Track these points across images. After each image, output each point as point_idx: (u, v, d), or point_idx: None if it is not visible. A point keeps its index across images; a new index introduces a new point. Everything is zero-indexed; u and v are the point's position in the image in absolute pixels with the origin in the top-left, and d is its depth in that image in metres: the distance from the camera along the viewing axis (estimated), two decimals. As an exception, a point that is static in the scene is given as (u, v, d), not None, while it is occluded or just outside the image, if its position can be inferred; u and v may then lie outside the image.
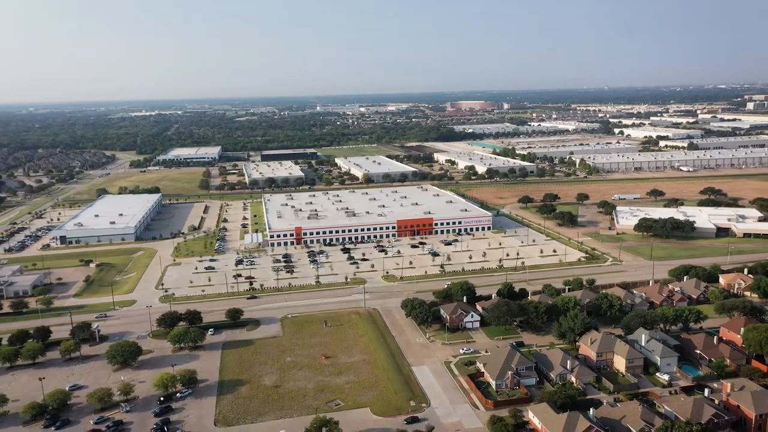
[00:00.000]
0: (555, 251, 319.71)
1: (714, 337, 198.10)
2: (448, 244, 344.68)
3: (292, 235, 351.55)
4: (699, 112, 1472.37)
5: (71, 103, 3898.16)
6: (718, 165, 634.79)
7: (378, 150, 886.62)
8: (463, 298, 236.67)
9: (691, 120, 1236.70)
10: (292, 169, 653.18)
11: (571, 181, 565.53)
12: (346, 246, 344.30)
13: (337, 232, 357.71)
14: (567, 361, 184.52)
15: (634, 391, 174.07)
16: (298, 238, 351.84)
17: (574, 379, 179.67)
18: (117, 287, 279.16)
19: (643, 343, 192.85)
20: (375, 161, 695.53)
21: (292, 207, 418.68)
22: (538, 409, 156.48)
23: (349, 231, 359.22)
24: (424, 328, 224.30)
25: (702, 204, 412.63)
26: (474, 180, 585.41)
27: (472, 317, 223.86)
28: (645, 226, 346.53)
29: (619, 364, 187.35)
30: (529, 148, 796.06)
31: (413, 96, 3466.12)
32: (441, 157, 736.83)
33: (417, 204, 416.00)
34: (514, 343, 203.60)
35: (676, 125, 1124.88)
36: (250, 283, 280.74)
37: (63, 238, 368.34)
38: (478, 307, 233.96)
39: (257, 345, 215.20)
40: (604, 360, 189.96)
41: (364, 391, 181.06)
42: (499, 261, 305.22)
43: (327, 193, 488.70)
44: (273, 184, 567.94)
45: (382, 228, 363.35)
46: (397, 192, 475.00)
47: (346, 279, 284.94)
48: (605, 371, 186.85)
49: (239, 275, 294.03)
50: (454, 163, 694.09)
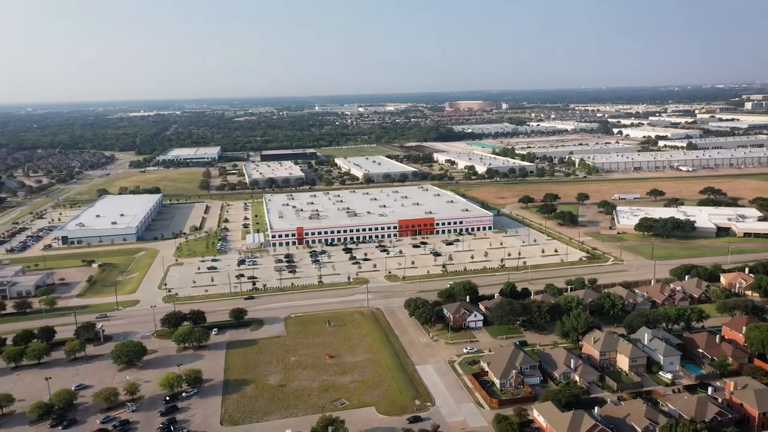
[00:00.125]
0: (556, 251, 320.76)
1: (716, 336, 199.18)
2: (450, 243, 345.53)
3: (293, 235, 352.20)
4: (697, 112, 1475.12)
5: (69, 103, 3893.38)
6: (717, 165, 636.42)
7: (377, 150, 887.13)
8: (466, 298, 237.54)
9: (689, 120, 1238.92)
10: (292, 169, 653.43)
11: (570, 181, 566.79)
12: (348, 246, 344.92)
13: (338, 232, 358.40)
14: (571, 360, 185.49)
15: (637, 390, 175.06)
16: (299, 238, 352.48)
17: (577, 378, 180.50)
18: (120, 287, 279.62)
19: (646, 342, 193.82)
20: (375, 161, 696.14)
21: (294, 207, 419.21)
22: (543, 408, 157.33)
23: (351, 231, 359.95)
24: (427, 327, 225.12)
25: (702, 204, 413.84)
26: (474, 180, 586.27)
27: (476, 317, 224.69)
28: (645, 225, 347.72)
29: (623, 363, 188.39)
30: (529, 148, 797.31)
31: (411, 96, 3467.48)
32: (440, 157, 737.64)
33: (418, 204, 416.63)
34: (518, 343, 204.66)
35: (675, 125, 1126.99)
36: (253, 283, 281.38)
37: (65, 239, 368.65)
38: (481, 306, 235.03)
39: (261, 345, 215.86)
40: (608, 359, 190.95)
41: (369, 390, 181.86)
42: (501, 261, 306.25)
43: (328, 193, 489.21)
44: (273, 185, 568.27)
45: (383, 228, 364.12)
46: (397, 192, 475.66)
47: (348, 279, 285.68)
48: (608, 370, 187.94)
49: (242, 275, 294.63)
50: (453, 163, 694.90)
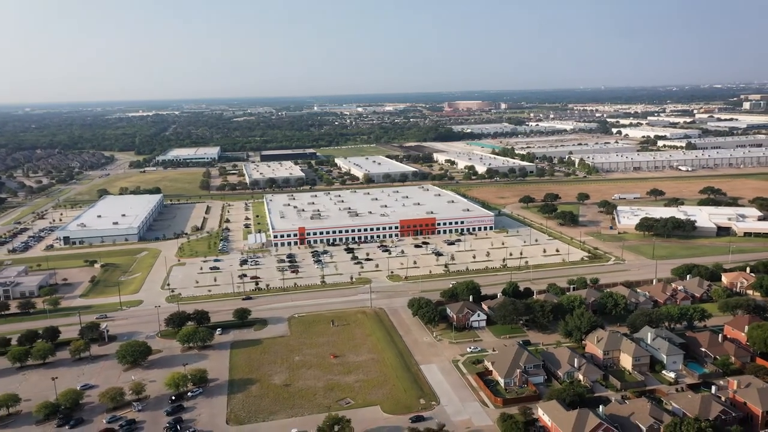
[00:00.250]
0: (558, 251, 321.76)
1: (718, 335, 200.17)
2: (451, 243, 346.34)
3: (295, 235, 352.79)
4: (696, 112, 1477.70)
5: (67, 103, 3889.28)
6: (716, 164, 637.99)
7: (377, 150, 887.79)
8: (469, 298, 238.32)
9: (688, 120, 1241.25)
10: (292, 169, 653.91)
11: (570, 181, 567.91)
12: (350, 246, 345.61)
13: (340, 232, 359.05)
14: (574, 360, 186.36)
15: (641, 389, 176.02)
16: (301, 239, 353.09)
17: (581, 377, 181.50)
18: (123, 287, 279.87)
19: (649, 342, 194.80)
20: (375, 161, 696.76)
21: (295, 207, 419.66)
22: (548, 407, 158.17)
23: (352, 231, 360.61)
24: (431, 327, 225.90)
25: (702, 203, 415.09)
26: (474, 180, 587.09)
27: (479, 316, 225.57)
28: (646, 225, 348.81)
29: (626, 362, 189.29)
30: (528, 148, 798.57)
31: (410, 96, 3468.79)
32: (440, 157, 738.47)
33: (419, 204, 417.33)
34: (521, 342, 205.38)
35: (674, 125, 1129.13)
36: (256, 283, 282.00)
37: (66, 239, 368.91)
38: (484, 306, 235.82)
39: (265, 344, 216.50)
40: (611, 358, 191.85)
41: (374, 389, 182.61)
42: (503, 260, 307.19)
43: (328, 193, 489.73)
44: (274, 185, 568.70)
45: (385, 228, 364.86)
46: (398, 192, 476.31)
47: (351, 279, 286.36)
48: (612, 369, 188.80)
49: (244, 275, 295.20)
50: (453, 163, 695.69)
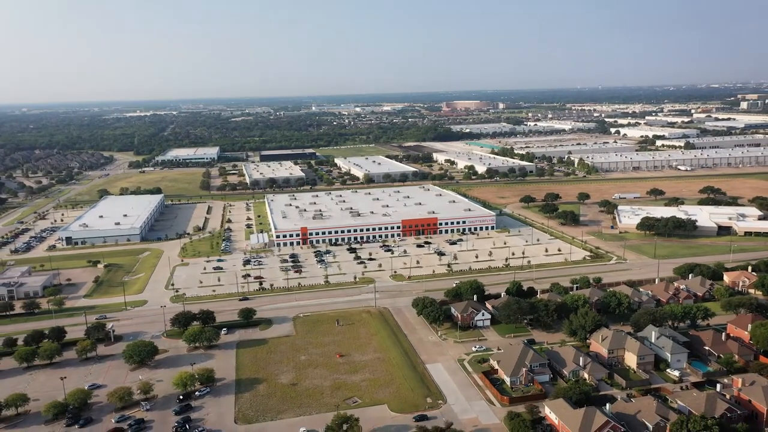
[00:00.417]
0: (560, 250, 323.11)
1: (722, 334, 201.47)
2: (453, 243, 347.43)
3: (297, 235, 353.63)
4: (693, 111, 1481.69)
5: (64, 103, 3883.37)
6: (715, 164, 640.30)
7: (376, 150, 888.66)
8: (473, 297, 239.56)
9: (686, 119, 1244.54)
10: (292, 169, 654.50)
11: (570, 181, 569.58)
12: (352, 246, 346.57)
13: (342, 232, 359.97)
14: (579, 358, 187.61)
15: (646, 387, 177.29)
16: (303, 238, 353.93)
17: (586, 375, 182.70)
18: (127, 288, 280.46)
19: (653, 340, 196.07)
20: (375, 161, 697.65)
21: (297, 207, 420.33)
22: (555, 405, 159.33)
23: (355, 231, 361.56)
24: (435, 326, 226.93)
25: (702, 203, 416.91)
26: (474, 180, 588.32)
27: (483, 315, 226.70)
28: (647, 225, 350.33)
29: (630, 360, 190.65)
30: (527, 147, 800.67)
31: (408, 96, 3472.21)
32: (440, 157, 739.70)
33: (420, 204, 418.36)
34: (526, 341, 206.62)
35: (672, 125, 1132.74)
36: (260, 283, 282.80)
37: (69, 239, 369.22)
38: (488, 305, 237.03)
39: (271, 344, 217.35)
40: (616, 357, 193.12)
41: (381, 388, 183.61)
42: (505, 260, 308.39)
43: (329, 193, 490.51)
44: (274, 185, 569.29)
45: (386, 228, 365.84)
46: (399, 192, 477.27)
47: (354, 278, 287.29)
48: (617, 368, 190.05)
49: (248, 275, 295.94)
50: (453, 162, 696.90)
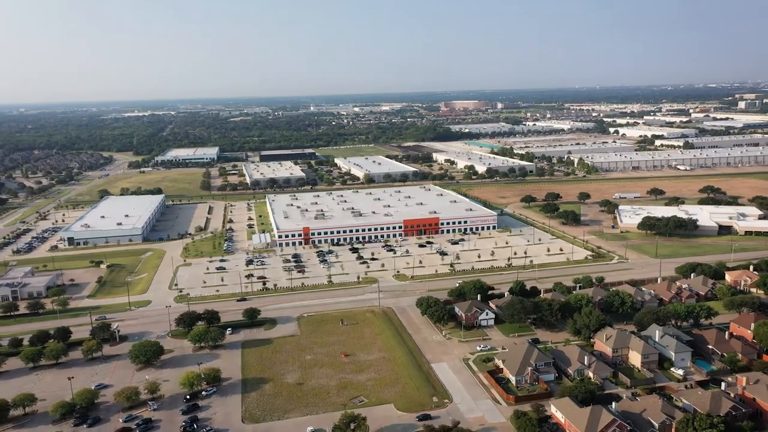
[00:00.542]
0: (561, 250, 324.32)
1: (725, 333, 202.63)
2: (455, 243, 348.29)
3: (300, 235, 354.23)
4: (692, 111, 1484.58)
5: (62, 103, 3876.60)
6: (714, 164, 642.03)
7: (376, 150, 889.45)
8: (477, 297, 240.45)
9: (684, 119, 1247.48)
10: (293, 169, 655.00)
11: (570, 181, 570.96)
12: (354, 246, 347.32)
13: (344, 232, 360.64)
14: (584, 357, 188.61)
15: (650, 386, 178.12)
16: (306, 239, 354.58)
17: (591, 374, 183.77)
18: (130, 288, 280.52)
19: (657, 339, 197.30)
20: (375, 161, 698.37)
21: (298, 207, 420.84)
22: (561, 404, 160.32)
23: (357, 231, 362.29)
24: (440, 325, 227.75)
25: (702, 202, 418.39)
26: (475, 180, 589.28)
27: (487, 315, 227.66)
28: (648, 224, 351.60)
29: (635, 359, 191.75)
30: (526, 147, 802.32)
31: (406, 96, 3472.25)
32: (440, 157, 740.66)
33: (422, 204, 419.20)
34: (531, 340, 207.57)
35: (670, 124, 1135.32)
36: (263, 283, 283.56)
37: (71, 240, 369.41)
38: (492, 305, 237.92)
39: (276, 344, 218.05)
40: (620, 356, 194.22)
41: (386, 387, 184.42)
42: (508, 260, 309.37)
43: (330, 193, 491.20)
44: (275, 185, 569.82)
45: (388, 228, 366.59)
46: (400, 192, 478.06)
47: (358, 278, 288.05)
48: (621, 366, 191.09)
49: (251, 275, 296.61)
50: (453, 162, 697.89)
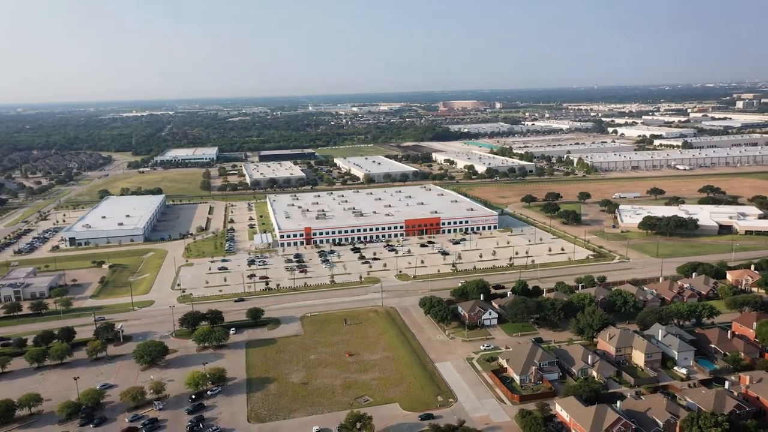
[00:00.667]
0: (563, 249, 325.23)
1: (727, 332, 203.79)
2: (457, 243, 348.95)
3: (301, 235, 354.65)
4: (690, 110, 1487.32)
5: (59, 103, 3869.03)
6: (713, 163, 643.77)
7: (375, 150, 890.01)
8: (480, 296, 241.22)
9: (682, 119, 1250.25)
10: (292, 169, 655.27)
11: (570, 180, 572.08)
12: (356, 246, 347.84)
13: (345, 232, 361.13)
14: (588, 357, 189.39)
15: (654, 385, 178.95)
16: (307, 239, 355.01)
17: (595, 373, 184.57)
18: (133, 288, 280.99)
19: (660, 338, 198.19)
20: (374, 161, 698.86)
21: (299, 207, 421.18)
22: (566, 403, 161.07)
23: (358, 231, 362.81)
24: (443, 325, 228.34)
25: (702, 202, 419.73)
26: (474, 179, 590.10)
27: (490, 314, 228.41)
28: (649, 224, 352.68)
29: (638, 358, 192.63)
30: (526, 147, 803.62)
31: (404, 95, 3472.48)
32: (439, 157, 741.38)
33: (423, 204, 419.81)
34: (534, 340, 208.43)
35: (669, 124, 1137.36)
36: (266, 283, 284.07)
37: (72, 240, 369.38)
38: (495, 304, 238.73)
39: (280, 344, 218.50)
40: (623, 355, 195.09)
41: (391, 387, 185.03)
42: (510, 259, 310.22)
43: (331, 193, 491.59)
44: (275, 185, 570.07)
45: (390, 228, 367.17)
46: (401, 192, 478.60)
47: (360, 278, 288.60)
48: (625, 366, 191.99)
49: (253, 275, 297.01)
50: (453, 162, 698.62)
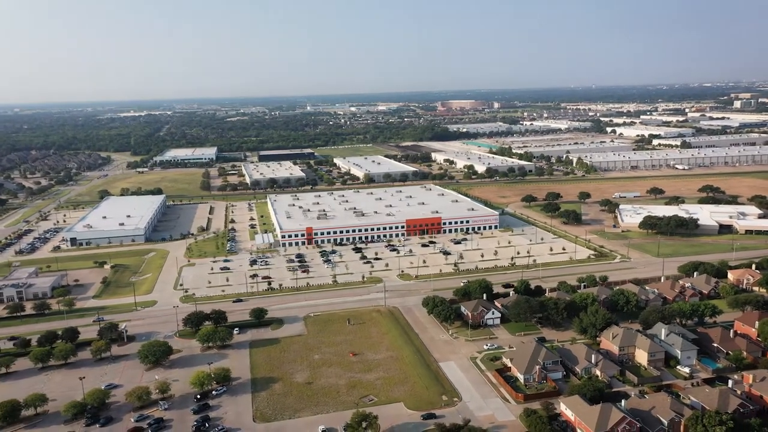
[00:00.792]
0: (564, 249, 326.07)
1: (729, 331, 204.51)
2: (458, 243, 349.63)
3: (303, 235, 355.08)
4: (688, 110, 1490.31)
5: (57, 103, 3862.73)
6: (712, 163, 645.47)
7: (374, 150, 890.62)
8: (482, 296, 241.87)
9: (680, 119, 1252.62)
10: (292, 169, 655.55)
11: (570, 180, 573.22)
12: (358, 245, 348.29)
13: (347, 231, 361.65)
14: (591, 356, 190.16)
15: (657, 384, 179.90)
16: (309, 239, 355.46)
17: (599, 372, 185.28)
18: (135, 288, 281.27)
19: (662, 337, 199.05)
20: (374, 161, 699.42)
21: (300, 207, 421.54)
22: (571, 402, 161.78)
23: (359, 231, 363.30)
24: (446, 325, 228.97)
25: (702, 201, 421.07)
26: (474, 179, 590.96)
27: (493, 314, 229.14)
28: (650, 223, 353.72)
29: (641, 357, 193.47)
30: (525, 147, 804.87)
31: (402, 95, 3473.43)
32: (439, 157, 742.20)
33: (423, 203, 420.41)
34: (537, 339, 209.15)
35: (667, 124, 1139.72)
36: (268, 283, 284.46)
37: (73, 240, 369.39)
38: (497, 304, 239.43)
39: (284, 343, 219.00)
40: (626, 354, 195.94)
41: (396, 386, 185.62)
42: (511, 259, 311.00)
43: (332, 193, 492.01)
44: (275, 185, 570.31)
45: (391, 227, 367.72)
46: (401, 192, 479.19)
47: (362, 278, 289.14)
48: (628, 365, 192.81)
49: (255, 275, 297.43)
50: (452, 162, 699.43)
